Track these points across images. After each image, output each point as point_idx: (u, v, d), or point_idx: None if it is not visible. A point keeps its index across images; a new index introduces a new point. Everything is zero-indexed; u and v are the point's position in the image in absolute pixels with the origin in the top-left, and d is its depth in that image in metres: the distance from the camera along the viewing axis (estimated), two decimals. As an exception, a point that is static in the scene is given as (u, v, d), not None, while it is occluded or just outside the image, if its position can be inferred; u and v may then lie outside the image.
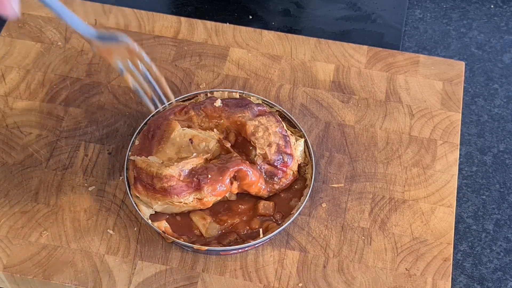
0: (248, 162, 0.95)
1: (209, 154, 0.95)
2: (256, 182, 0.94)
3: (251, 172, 0.93)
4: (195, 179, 0.92)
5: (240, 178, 0.94)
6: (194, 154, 0.95)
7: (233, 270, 0.94)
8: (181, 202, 0.93)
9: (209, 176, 0.92)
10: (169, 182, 0.91)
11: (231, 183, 0.94)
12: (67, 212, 0.98)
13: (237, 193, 0.97)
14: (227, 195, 0.96)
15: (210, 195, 0.92)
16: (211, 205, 0.94)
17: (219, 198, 0.94)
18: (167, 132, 0.98)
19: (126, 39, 0.74)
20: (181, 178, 0.92)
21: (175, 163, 0.93)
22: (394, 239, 0.97)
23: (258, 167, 0.96)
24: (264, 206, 0.96)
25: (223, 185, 0.93)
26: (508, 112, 1.18)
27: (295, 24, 1.27)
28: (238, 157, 0.94)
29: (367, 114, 1.09)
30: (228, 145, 0.96)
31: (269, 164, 0.96)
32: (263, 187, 0.96)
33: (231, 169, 0.92)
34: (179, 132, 0.97)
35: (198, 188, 0.92)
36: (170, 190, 0.91)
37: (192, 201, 0.93)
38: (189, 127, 0.99)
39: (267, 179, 0.96)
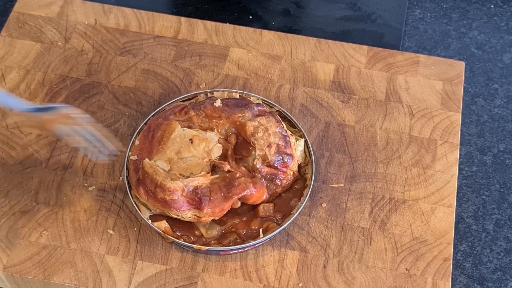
0: (251, 183, 0.94)
1: (218, 175, 0.95)
2: (260, 198, 0.95)
3: (255, 193, 0.94)
4: (197, 198, 0.92)
5: (244, 199, 0.94)
6: (202, 172, 0.94)
7: (233, 270, 0.94)
8: (179, 216, 0.93)
9: (212, 199, 0.92)
10: (172, 195, 0.91)
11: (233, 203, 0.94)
12: (67, 212, 0.98)
13: None
14: None
15: (209, 216, 0.93)
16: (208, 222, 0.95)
17: (216, 218, 0.94)
18: (167, 132, 0.98)
19: (65, 108, 0.75)
20: (184, 194, 0.92)
21: (180, 178, 0.93)
22: (394, 239, 0.97)
23: (258, 170, 0.95)
24: (264, 209, 0.96)
25: (224, 210, 0.93)
26: (508, 112, 1.18)
27: (295, 24, 1.27)
28: (241, 177, 0.94)
29: (367, 114, 1.09)
30: (227, 168, 0.95)
31: (269, 166, 0.96)
32: (265, 197, 0.96)
33: (236, 197, 0.92)
34: (179, 133, 0.97)
35: (198, 207, 0.92)
36: (170, 203, 0.91)
37: (190, 217, 0.93)
38: (189, 127, 0.99)
39: (268, 183, 0.96)
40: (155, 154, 0.96)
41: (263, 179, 0.96)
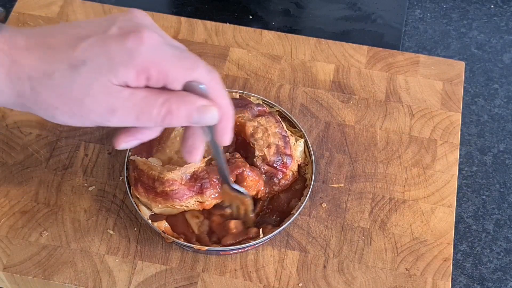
0: (248, 164, 0.94)
1: (210, 156, 0.95)
2: (255, 183, 0.94)
3: (251, 175, 0.93)
4: (197, 183, 0.92)
5: (241, 178, 0.94)
6: None
7: (233, 270, 0.94)
8: (183, 205, 0.93)
9: (211, 180, 0.92)
10: (171, 186, 0.91)
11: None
12: (67, 212, 0.98)
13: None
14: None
15: (212, 199, 0.93)
16: (211, 207, 0.94)
17: (219, 200, 0.94)
18: (167, 131, 0.98)
19: (248, 195, 0.93)
20: (183, 182, 0.92)
21: (177, 168, 0.93)
22: (394, 239, 0.97)
23: (259, 169, 0.95)
24: (236, 226, 0.95)
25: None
26: (508, 112, 1.18)
27: (295, 24, 1.28)
28: (240, 158, 0.94)
29: (367, 114, 1.09)
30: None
31: (268, 165, 0.96)
32: (262, 188, 0.96)
33: (232, 173, 0.92)
34: (179, 132, 0.97)
35: (200, 192, 0.92)
36: (172, 194, 0.91)
37: (193, 204, 0.93)
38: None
39: (267, 180, 0.96)
40: (154, 153, 0.96)
41: (263, 175, 0.96)
